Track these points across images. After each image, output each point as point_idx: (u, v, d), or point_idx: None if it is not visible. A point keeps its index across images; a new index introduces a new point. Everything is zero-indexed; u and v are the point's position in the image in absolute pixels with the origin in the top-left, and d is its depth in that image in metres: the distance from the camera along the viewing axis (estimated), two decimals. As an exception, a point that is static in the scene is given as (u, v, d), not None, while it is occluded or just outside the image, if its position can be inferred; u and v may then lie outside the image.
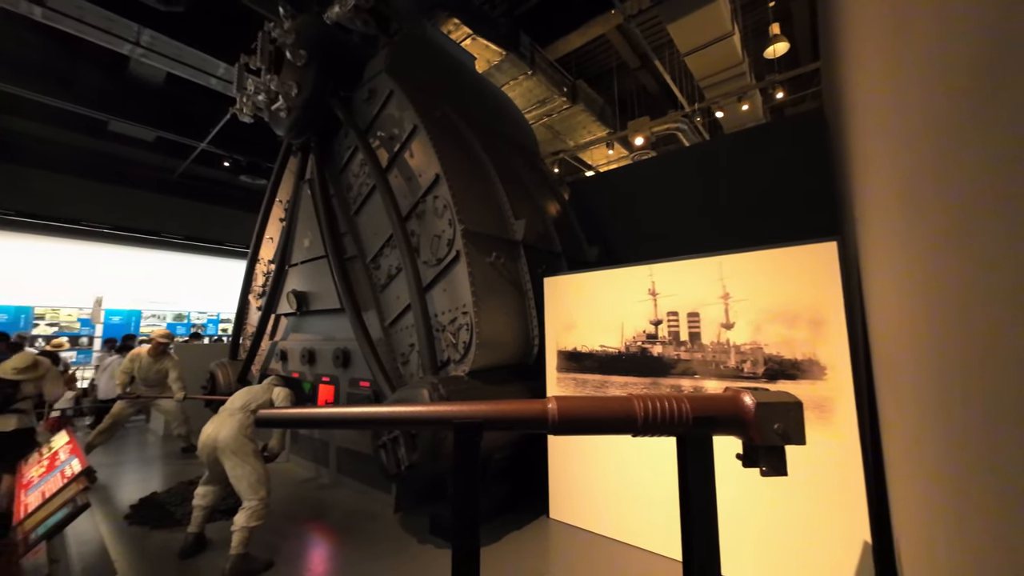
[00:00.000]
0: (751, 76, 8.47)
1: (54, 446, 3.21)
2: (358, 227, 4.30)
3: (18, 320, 10.39)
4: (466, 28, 7.06)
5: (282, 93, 4.49)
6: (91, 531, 3.28)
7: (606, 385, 2.97)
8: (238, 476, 2.71)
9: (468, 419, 1.22)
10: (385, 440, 2.88)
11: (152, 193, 12.00)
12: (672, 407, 1.14)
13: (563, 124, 10.35)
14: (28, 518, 2.24)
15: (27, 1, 5.79)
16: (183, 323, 13.16)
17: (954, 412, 0.78)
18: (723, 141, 5.77)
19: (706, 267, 2.61)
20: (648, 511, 2.74)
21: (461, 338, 3.20)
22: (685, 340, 2.65)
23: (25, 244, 10.74)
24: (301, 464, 4.70)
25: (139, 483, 4.27)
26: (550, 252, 4.36)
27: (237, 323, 5.69)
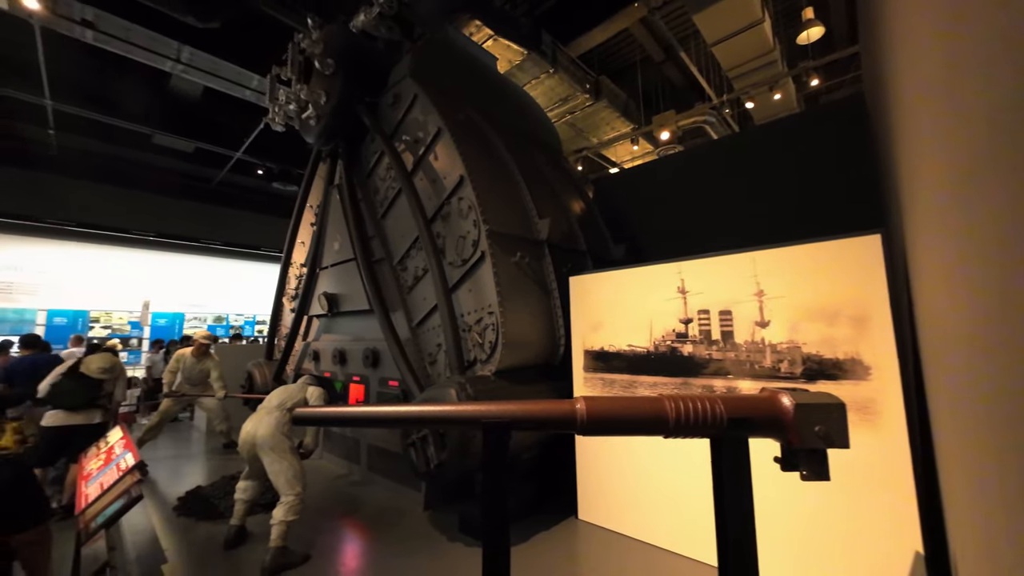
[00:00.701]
0: (783, 64, 8.14)
1: (110, 440, 3.43)
2: (385, 230, 4.40)
3: (76, 323, 11.15)
4: (488, 29, 7.09)
5: (311, 102, 4.64)
6: (143, 521, 3.49)
7: (634, 385, 2.92)
8: (276, 472, 2.82)
9: (496, 419, 1.22)
10: (414, 439, 2.93)
11: (193, 202, 12.66)
12: (705, 408, 1.11)
13: (586, 121, 10.24)
14: (89, 507, 2.40)
15: (80, 25, 6.21)
16: (222, 325, 13.79)
17: (1021, 415, 0.72)
18: (755, 132, 5.57)
19: (738, 264, 2.53)
20: (680, 514, 2.68)
21: (487, 338, 3.22)
22: (717, 339, 2.57)
23: (80, 252, 11.53)
24: (334, 461, 4.85)
25: (185, 477, 4.51)
26: (575, 251, 4.32)
27: (272, 325, 5.93)
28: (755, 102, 8.61)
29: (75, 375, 3.87)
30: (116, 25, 6.28)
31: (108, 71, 8.34)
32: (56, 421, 3.71)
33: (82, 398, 3.79)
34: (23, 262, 10.80)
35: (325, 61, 4.50)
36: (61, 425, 3.69)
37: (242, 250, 13.89)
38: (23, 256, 10.80)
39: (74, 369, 3.91)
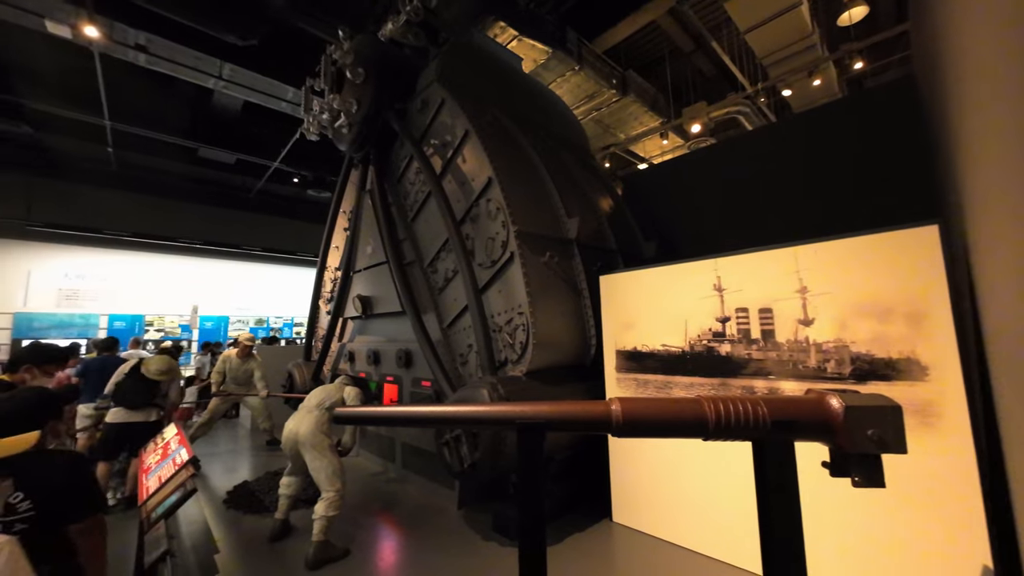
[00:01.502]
0: (823, 47, 7.73)
1: (166, 436, 3.66)
2: (416, 233, 4.48)
3: (133, 326, 11.97)
4: (512, 30, 7.11)
5: (343, 110, 4.79)
6: (197, 513, 3.70)
7: (669, 386, 2.85)
8: (316, 468, 2.93)
9: (531, 420, 1.21)
10: (448, 438, 2.97)
11: (235, 210, 13.37)
12: (747, 410, 1.07)
13: (613, 117, 10.09)
14: (149, 499, 2.57)
15: (134, 49, 6.66)
16: (263, 327, 14.44)
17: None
18: (793, 121, 5.32)
19: (779, 259, 2.42)
20: (719, 518, 2.60)
21: (518, 338, 3.23)
22: (757, 338, 2.47)
23: (136, 261, 12.38)
24: (370, 459, 4.99)
25: (232, 472, 4.76)
26: (605, 249, 4.27)
27: (309, 327, 6.16)
28: (793, 89, 8.23)
29: (136, 376, 4.14)
30: (165, 47, 6.71)
31: (158, 91, 8.91)
32: (118, 418, 3.99)
33: (141, 397, 4.06)
34: (87, 271, 11.70)
35: (356, 70, 4.63)
36: (122, 422, 3.96)
37: (280, 255, 14.52)
38: (87, 265, 11.70)
39: (135, 370, 4.19)
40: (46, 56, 7.65)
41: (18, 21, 6.13)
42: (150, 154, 10.80)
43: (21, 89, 8.08)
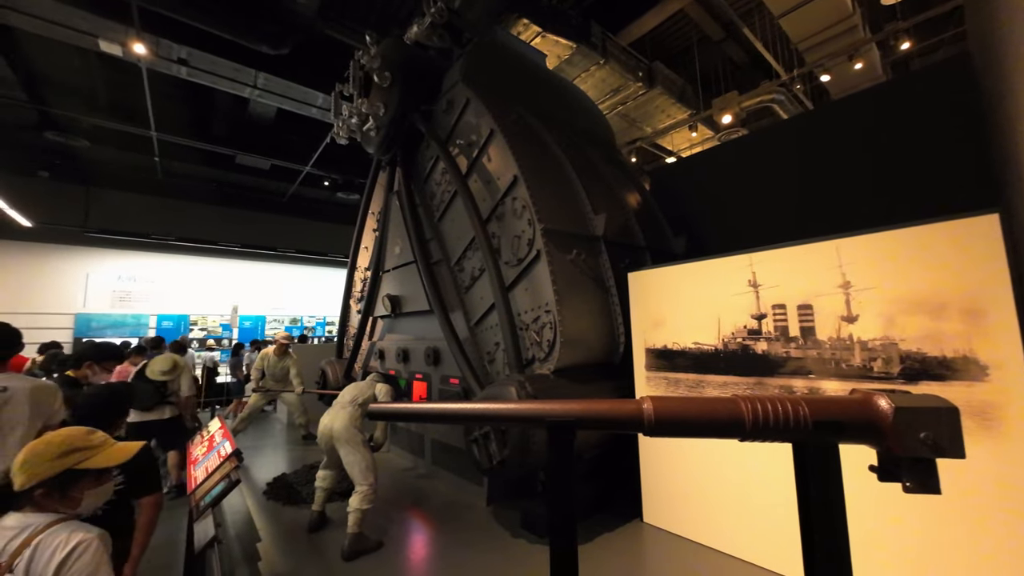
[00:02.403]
0: (865, 29, 7.30)
1: (211, 430, 3.86)
2: (442, 232, 4.54)
3: (179, 325, 12.67)
4: (536, 27, 7.07)
5: (371, 114, 4.90)
6: (240, 502, 3.89)
7: (702, 385, 2.77)
8: (350, 463, 3.02)
9: (561, 418, 1.20)
10: (477, 436, 3.00)
11: (269, 214, 13.94)
12: (787, 410, 1.02)
13: (639, 111, 9.89)
14: (198, 488, 2.73)
15: (176, 63, 7.03)
16: (297, 326, 14.99)
17: None
18: (833, 107, 5.07)
19: (819, 253, 2.31)
20: (757, 521, 2.51)
21: (545, 336, 3.22)
22: (796, 336, 2.37)
23: (180, 263, 13.10)
24: (400, 454, 5.10)
25: (271, 464, 4.96)
26: (633, 246, 4.20)
27: (341, 326, 6.35)
28: (831, 75, 7.82)
29: (143, 378, 4.27)
30: (205, 60, 7.05)
31: (199, 102, 9.38)
32: (134, 418, 4.11)
33: (150, 398, 4.17)
34: (138, 273, 12.47)
35: (383, 74, 4.72)
36: (138, 421, 4.09)
37: (313, 256, 15.03)
38: (137, 268, 12.47)
39: (141, 373, 4.33)
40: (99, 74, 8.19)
41: (74, 42, 6.58)
42: (192, 163, 11.41)
43: (79, 106, 8.68)
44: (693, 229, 4.72)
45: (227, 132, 10.19)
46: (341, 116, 5.40)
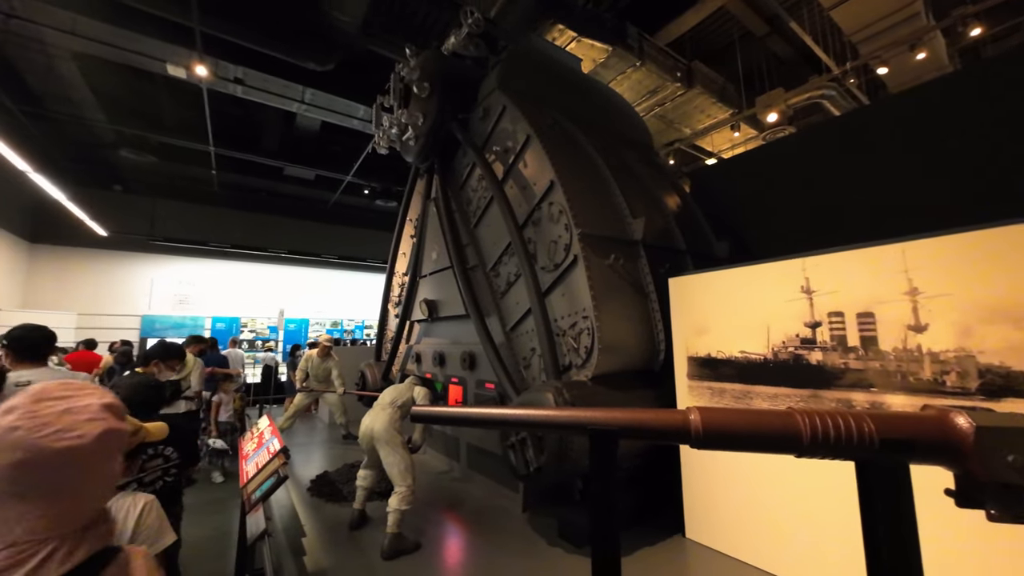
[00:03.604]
0: (928, 16, 6.79)
1: (260, 427, 4.06)
2: (478, 238, 4.59)
3: (231, 327, 13.47)
4: (571, 32, 7.07)
5: (410, 124, 5.05)
6: (285, 498, 4.07)
7: (749, 396, 2.64)
8: (390, 463, 3.09)
9: (603, 426, 1.18)
10: (514, 441, 3.00)
11: (313, 222, 14.65)
12: (848, 425, 0.95)
13: (678, 111, 9.65)
14: (249, 482, 2.87)
15: (232, 83, 7.54)
16: (337, 329, 15.57)
17: None
18: (894, 101, 4.74)
19: (882, 257, 2.15)
20: (812, 542, 2.35)
21: (582, 343, 3.18)
22: (855, 346, 2.21)
23: (233, 269, 13.96)
24: (436, 457, 5.17)
25: (314, 462, 5.16)
26: (673, 250, 4.08)
27: (380, 329, 6.53)
28: (889, 66, 7.32)
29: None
30: (258, 78, 7.52)
31: (252, 118, 10.01)
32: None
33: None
34: (195, 278, 13.40)
35: (422, 85, 4.86)
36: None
37: (353, 262, 15.63)
38: (195, 273, 13.41)
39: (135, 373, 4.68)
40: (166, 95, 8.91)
41: (146, 67, 7.20)
42: (245, 174, 12.18)
43: (148, 125, 9.48)
44: (737, 232, 4.54)
45: (277, 145, 10.81)
46: (382, 127, 5.60)
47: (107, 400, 0.91)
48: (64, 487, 0.82)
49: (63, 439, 0.81)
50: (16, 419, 0.79)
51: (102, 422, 0.87)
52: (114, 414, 0.91)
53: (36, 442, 0.78)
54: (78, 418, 0.84)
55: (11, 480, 0.78)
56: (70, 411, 0.84)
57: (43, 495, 0.80)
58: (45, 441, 0.79)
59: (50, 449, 0.79)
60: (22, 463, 0.77)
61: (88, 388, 0.91)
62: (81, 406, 0.86)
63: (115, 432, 0.90)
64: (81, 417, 0.85)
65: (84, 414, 0.85)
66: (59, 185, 8.89)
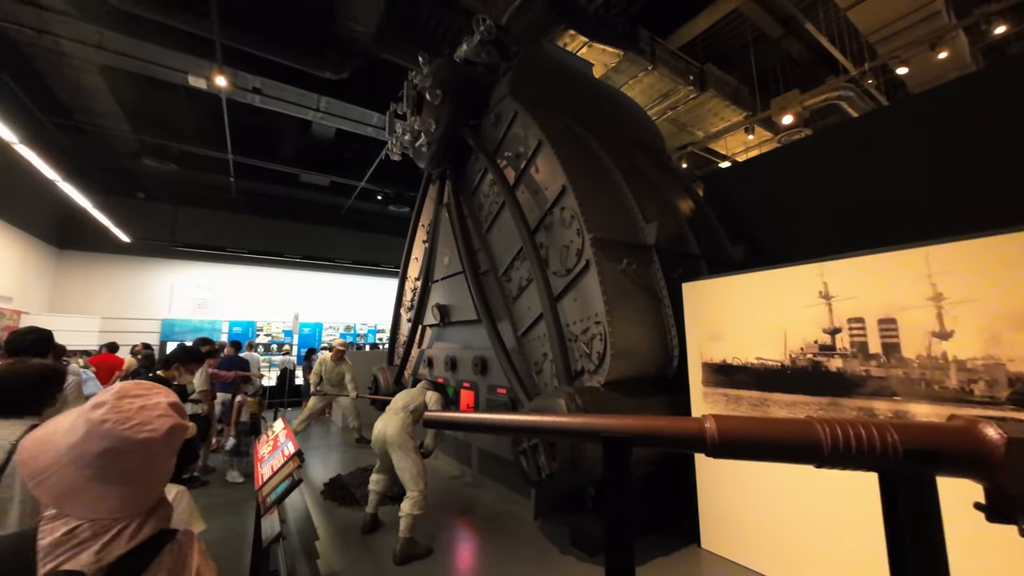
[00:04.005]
0: (949, 14, 6.64)
1: (275, 430, 4.12)
2: (490, 243, 4.61)
3: (247, 331, 13.72)
4: (582, 38, 7.08)
5: (423, 130, 5.11)
6: (299, 500, 4.11)
7: (766, 403, 2.59)
8: (402, 468, 3.10)
9: (617, 434, 1.17)
10: (525, 447, 2.98)
11: (327, 227, 14.88)
12: (871, 435, 0.93)
13: (690, 115, 9.57)
14: (264, 485, 2.91)
15: (251, 92, 7.73)
16: (350, 333, 15.73)
17: None
18: (915, 101, 4.63)
19: (904, 262, 2.09)
20: (830, 552, 2.28)
21: (595, 348, 3.16)
22: (877, 352, 2.15)
23: (249, 273, 14.23)
24: (447, 462, 5.17)
25: (327, 465, 5.21)
26: (686, 254, 4.04)
27: (392, 333, 6.58)
28: (910, 66, 7.16)
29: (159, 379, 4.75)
30: (275, 88, 7.70)
31: (269, 126, 10.24)
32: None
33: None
34: (213, 283, 13.69)
35: (434, 92, 4.92)
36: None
37: (366, 267, 15.82)
38: (213, 278, 13.70)
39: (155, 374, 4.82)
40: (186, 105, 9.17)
41: (168, 79, 7.43)
42: (262, 181, 12.44)
43: (170, 135, 9.76)
44: (752, 236, 4.47)
45: (293, 153, 11.03)
46: (395, 134, 5.68)
47: (172, 399, 1.04)
48: (139, 473, 0.95)
49: (143, 431, 0.93)
50: (104, 413, 0.92)
51: (170, 419, 1.00)
52: (178, 412, 1.04)
53: (122, 433, 0.91)
54: (152, 414, 0.97)
55: (98, 466, 0.89)
56: (145, 408, 0.97)
57: (122, 479, 0.92)
58: (129, 432, 0.92)
59: (133, 440, 0.92)
60: (108, 451, 0.90)
61: (156, 388, 1.04)
62: (153, 403, 0.99)
63: (179, 428, 1.03)
64: (154, 413, 0.98)
65: (156, 411, 0.98)
66: (86, 193, 9.21)
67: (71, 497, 0.88)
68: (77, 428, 0.91)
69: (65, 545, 0.85)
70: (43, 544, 0.85)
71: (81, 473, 0.88)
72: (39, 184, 8.32)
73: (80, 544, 0.86)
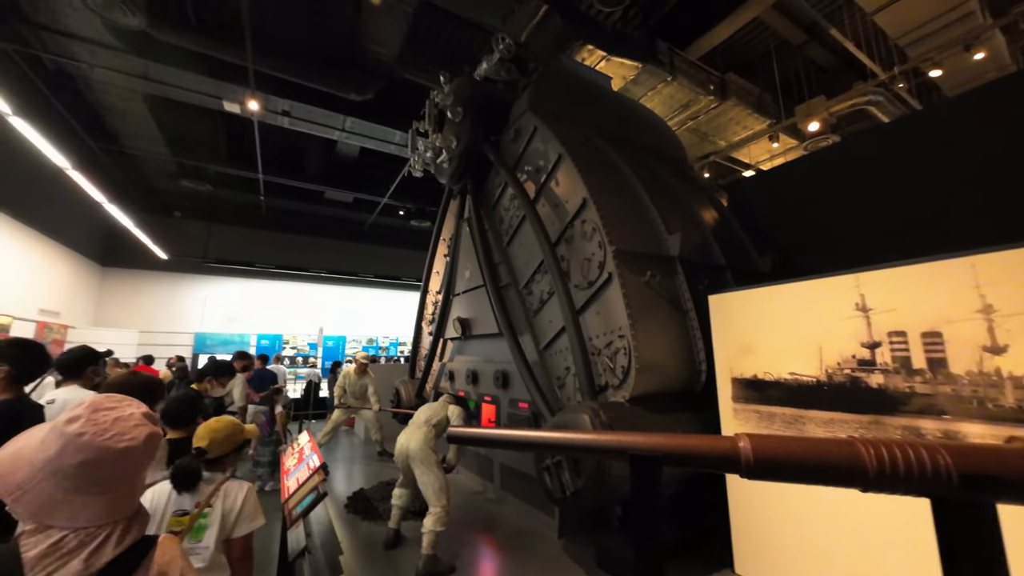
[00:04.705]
0: (984, 14, 6.41)
1: (300, 443, 4.18)
2: (511, 256, 4.62)
3: (274, 344, 14.09)
4: (600, 52, 7.14)
5: (444, 147, 5.21)
6: (323, 513, 4.13)
7: (801, 421, 2.47)
8: (425, 483, 3.09)
9: (646, 452, 1.13)
10: (549, 463, 2.93)
11: (351, 242, 15.27)
12: (920, 457, 0.86)
13: (711, 124, 9.47)
14: (290, 498, 2.94)
15: (280, 115, 8.08)
16: (372, 346, 15.97)
17: None
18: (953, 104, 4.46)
19: (948, 272, 1.98)
20: (878, 587, 2.13)
21: (619, 362, 3.10)
22: (921, 368, 2.03)
23: (277, 288, 14.67)
24: (469, 477, 5.13)
25: (350, 478, 5.24)
26: (711, 266, 3.95)
27: (414, 347, 6.64)
28: (943, 68, 6.92)
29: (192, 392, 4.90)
30: (303, 110, 8.03)
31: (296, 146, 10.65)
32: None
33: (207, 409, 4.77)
34: (242, 297, 14.17)
35: (455, 110, 5.03)
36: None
37: (388, 280, 16.10)
38: (242, 292, 14.19)
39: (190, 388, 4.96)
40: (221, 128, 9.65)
41: (205, 104, 7.85)
42: (289, 199, 12.91)
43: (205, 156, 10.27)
44: (780, 247, 4.34)
45: (318, 170, 11.43)
46: (417, 151, 5.81)
47: (144, 410, 1.09)
48: (119, 481, 0.98)
49: (122, 441, 0.97)
50: (81, 426, 0.95)
51: (145, 427, 1.04)
52: (152, 421, 1.08)
53: (101, 444, 0.95)
54: (128, 424, 1.01)
55: (78, 477, 0.93)
56: (120, 419, 1.01)
57: (102, 488, 0.95)
58: (109, 443, 0.96)
59: (114, 450, 0.96)
60: (88, 462, 0.93)
61: (127, 400, 1.09)
62: (127, 415, 1.03)
63: (155, 435, 1.07)
64: (130, 423, 1.01)
65: (132, 421, 1.02)
66: (128, 213, 9.74)
67: (51, 509, 0.90)
68: (50, 443, 0.93)
69: (52, 556, 0.88)
70: (29, 556, 0.87)
71: (60, 486, 0.91)
72: (86, 205, 8.85)
73: (68, 554, 0.88)
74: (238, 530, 1.92)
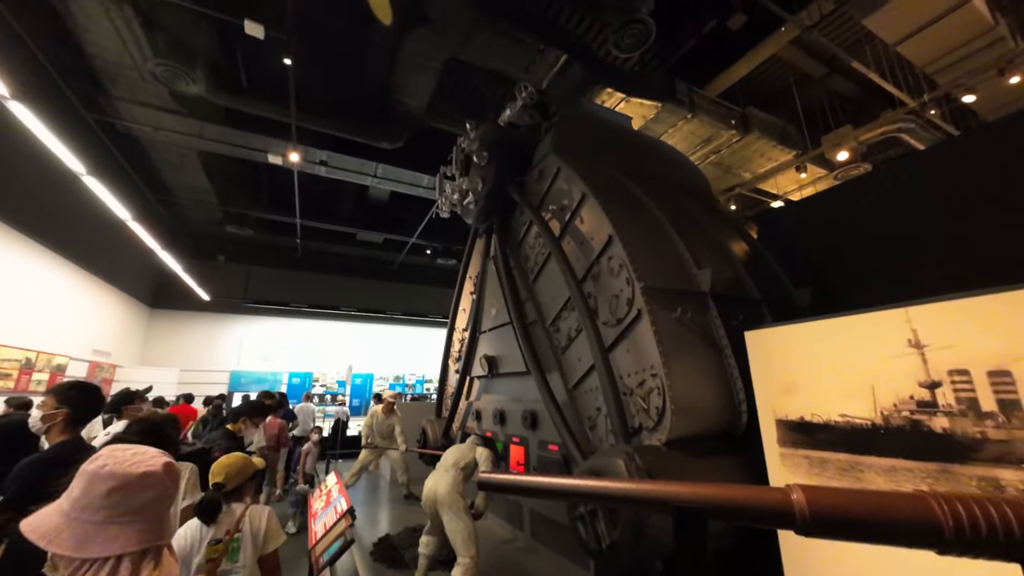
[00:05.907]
0: (1016, 38, 6.29)
1: (328, 485, 4.15)
2: (537, 293, 4.63)
3: (305, 382, 14.34)
4: (619, 93, 7.38)
5: (471, 189, 5.41)
6: (349, 560, 4.02)
7: (858, 468, 2.27)
8: (453, 531, 2.98)
9: (691, 504, 1.06)
10: (583, 512, 2.78)
11: (380, 281, 15.71)
12: (1005, 516, 0.77)
13: (734, 157, 9.47)
14: (318, 543, 2.89)
15: (318, 164, 8.64)
16: (399, 383, 16.01)
17: None
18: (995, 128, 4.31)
19: (1011, 305, 1.84)
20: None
21: (652, 403, 2.98)
22: (992, 411, 1.85)
23: (309, 327, 15.11)
24: (498, 523, 4.91)
25: (376, 523, 5.12)
26: (746, 300, 3.81)
27: (440, 385, 6.61)
28: (978, 93, 6.75)
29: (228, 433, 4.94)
30: (338, 159, 8.58)
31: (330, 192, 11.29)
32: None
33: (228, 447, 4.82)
34: (276, 336, 14.64)
35: (481, 154, 5.25)
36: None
37: (415, 318, 16.35)
38: (276, 331, 14.67)
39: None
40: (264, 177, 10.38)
41: (250, 157, 8.50)
42: (323, 241, 13.53)
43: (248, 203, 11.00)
44: (817, 279, 4.17)
45: (350, 213, 12.01)
46: (444, 193, 6.05)
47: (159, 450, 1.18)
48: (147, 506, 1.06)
49: (141, 466, 1.07)
50: (103, 462, 1.05)
51: (163, 457, 1.14)
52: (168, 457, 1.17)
53: (124, 470, 1.04)
54: (146, 455, 1.12)
55: (108, 506, 1.00)
56: (138, 453, 1.12)
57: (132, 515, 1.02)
58: (130, 468, 1.04)
59: (135, 474, 1.04)
60: (114, 489, 1.01)
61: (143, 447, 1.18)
62: (143, 450, 1.14)
63: (173, 465, 1.15)
64: (148, 455, 1.12)
65: (149, 453, 1.14)
66: (177, 258, 10.43)
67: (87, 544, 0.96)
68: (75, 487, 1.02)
69: None
70: None
71: (92, 519, 0.98)
72: (141, 252, 9.54)
73: None
74: (267, 547, 2.23)
